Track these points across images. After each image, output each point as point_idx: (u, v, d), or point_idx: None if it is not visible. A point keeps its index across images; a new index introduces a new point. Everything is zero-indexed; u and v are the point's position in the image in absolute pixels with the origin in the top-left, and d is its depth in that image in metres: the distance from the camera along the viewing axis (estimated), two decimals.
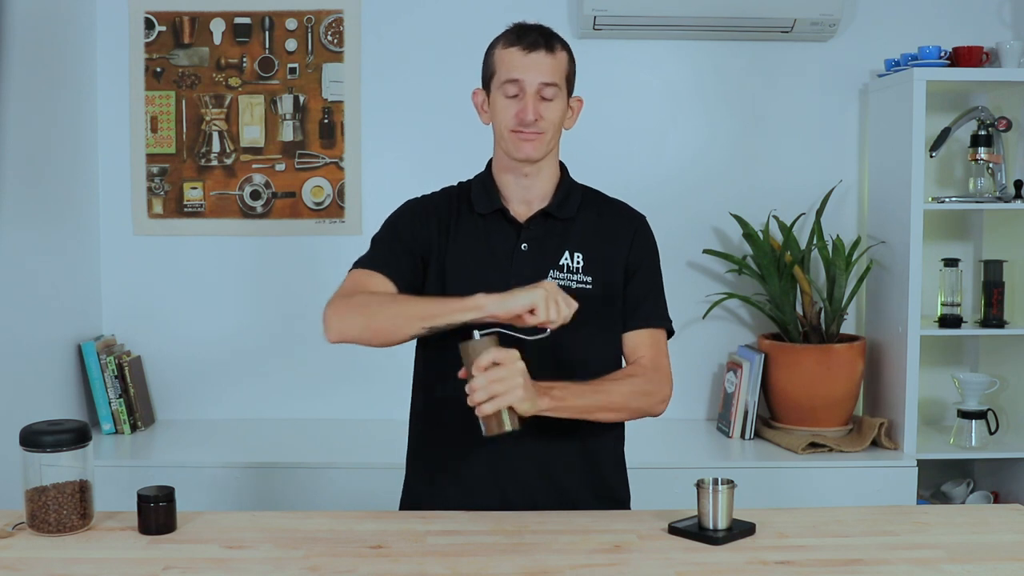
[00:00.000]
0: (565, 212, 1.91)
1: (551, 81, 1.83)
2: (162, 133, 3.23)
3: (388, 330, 1.73)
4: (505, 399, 1.61)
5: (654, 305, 1.93)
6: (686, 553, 1.61)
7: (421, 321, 1.70)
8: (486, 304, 1.64)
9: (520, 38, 1.84)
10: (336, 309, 1.77)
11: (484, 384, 1.60)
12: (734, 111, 3.28)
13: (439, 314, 1.69)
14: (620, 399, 1.82)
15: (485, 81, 1.90)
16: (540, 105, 1.83)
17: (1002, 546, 1.67)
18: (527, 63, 1.82)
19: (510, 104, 1.84)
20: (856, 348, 3.04)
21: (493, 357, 1.62)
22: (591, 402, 1.77)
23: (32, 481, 1.66)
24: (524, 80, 1.82)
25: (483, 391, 1.60)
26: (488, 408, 1.60)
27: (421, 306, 1.73)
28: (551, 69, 1.83)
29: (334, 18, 3.22)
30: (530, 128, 1.82)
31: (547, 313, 1.62)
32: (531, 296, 1.63)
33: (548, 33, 1.87)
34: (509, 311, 1.63)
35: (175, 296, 3.26)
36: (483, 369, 1.61)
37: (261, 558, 1.58)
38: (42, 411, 2.50)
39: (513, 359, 1.63)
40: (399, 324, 1.72)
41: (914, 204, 2.93)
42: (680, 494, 1.89)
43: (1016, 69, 3.01)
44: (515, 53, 1.83)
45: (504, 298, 1.64)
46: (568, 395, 1.73)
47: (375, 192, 3.21)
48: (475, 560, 1.57)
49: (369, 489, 2.67)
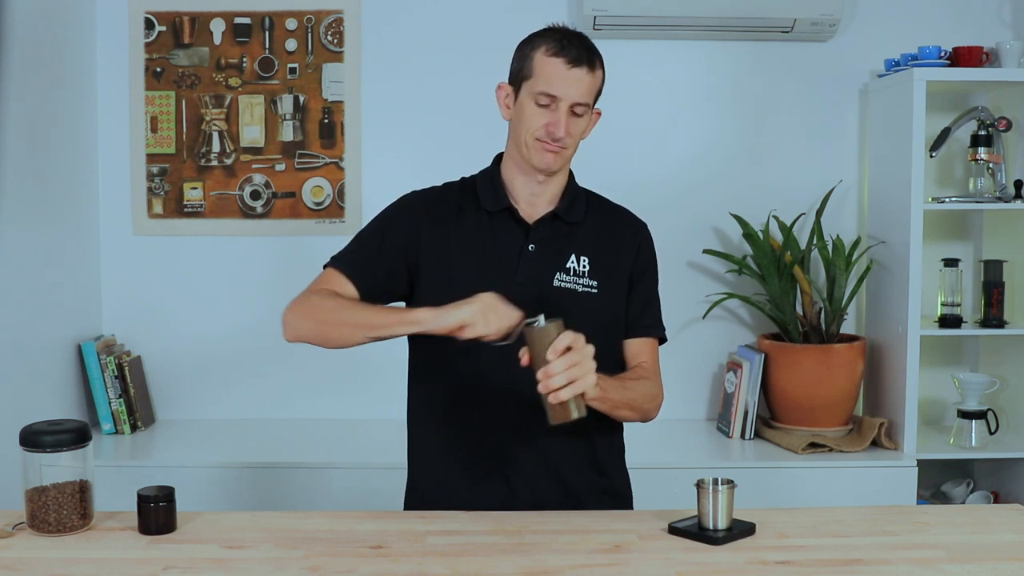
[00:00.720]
0: (573, 216, 1.91)
1: (585, 101, 1.81)
2: (162, 133, 3.23)
3: (336, 337, 1.77)
4: (582, 383, 1.58)
5: (655, 315, 1.96)
6: (686, 553, 1.61)
7: (365, 331, 1.73)
8: (424, 319, 1.66)
9: (564, 49, 1.79)
10: (292, 310, 1.81)
11: (563, 368, 1.57)
12: (734, 111, 3.28)
13: (380, 325, 1.72)
14: (640, 399, 1.84)
15: (515, 78, 1.85)
16: (570, 121, 1.81)
17: (1002, 546, 1.67)
18: (568, 79, 1.78)
19: (540, 114, 1.81)
20: (856, 348, 3.04)
21: (569, 341, 1.59)
22: (622, 397, 1.78)
23: (32, 481, 1.66)
24: (561, 95, 1.79)
25: (563, 375, 1.56)
26: (566, 393, 1.57)
27: (366, 316, 1.75)
28: (588, 88, 1.81)
29: (334, 18, 3.22)
30: (557, 143, 1.81)
31: (478, 329, 1.61)
32: (462, 313, 1.62)
33: (591, 47, 1.83)
34: (443, 327, 1.63)
35: (175, 296, 3.26)
36: (560, 353, 1.57)
37: (261, 558, 1.58)
38: (42, 411, 2.50)
39: (583, 342, 1.61)
40: (345, 333, 1.76)
41: (914, 204, 2.93)
42: (680, 494, 1.89)
43: (1016, 69, 3.01)
44: (557, 65, 1.78)
45: (440, 313, 1.64)
46: (609, 387, 1.72)
47: (375, 192, 3.21)
48: (475, 560, 1.57)
49: (369, 489, 2.67)
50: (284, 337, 1.82)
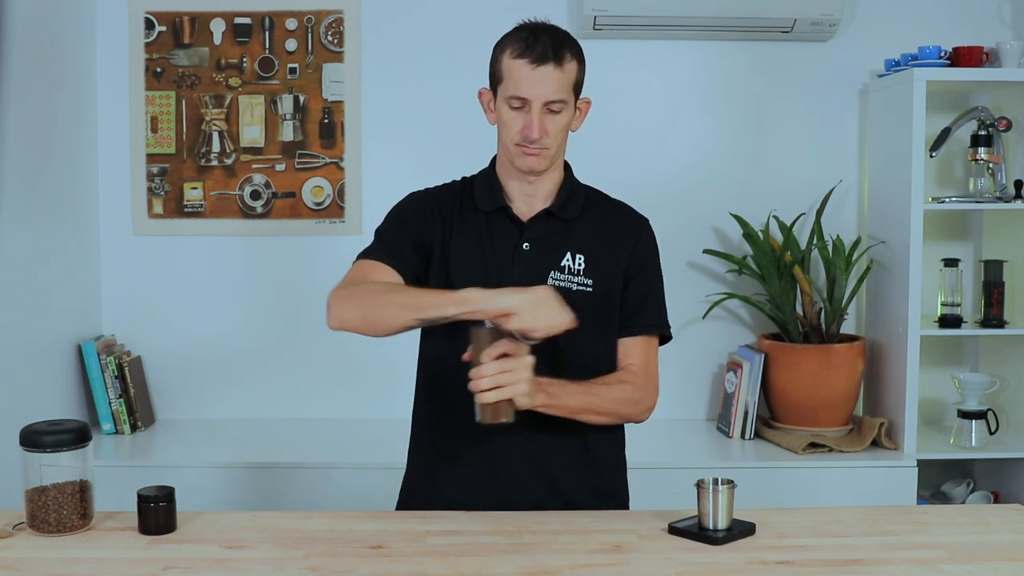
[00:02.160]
0: (568, 213, 1.90)
1: (558, 98, 1.78)
2: (162, 133, 3.23)
3: (383, 320, 1.72)
4: (509, 391, 1.61)
5: (650, 311, 1.92)
6: (686, 553, 1.61)
7: (412, 312, 1.68)
8: (473, 299, 1.62)
9: (528, 48, 1.77)
10: (338, 297, 1.76)
11: (492, 372, 1.60)
12: (734, 111, 3.28)
13: (428, 306, 1.67)
14: (610, 404, 1.83)
15: (492, 82, 1.85)
16: (545, 119, 1.79)
17: (1002, 546, 1.67)
18: (534, 79, 1.76)
19: (515, 117, 1.80)
20: (856, 348, 3.04)
21: (505, 348, 1.62)
22: (582, 403, 1.78)
23: (32, 481, 1.66)
24: (530, 97, 1.77)
25: (490, 379, 1.60)
26: (491, 397, 1.60)
27: (413, 297, 1.71)
28: (558, 85, 1.78)
29: (334, 18, 3.22)
30: (534, 144, 1.80)
31: (525, 320, 1.59)
32: (514, 300, 1.60)
33: (558, 40, 1.80)
34: (492, 309, 1.61)
35: (175, 296, 3.26)
36: (493, 358, 1.61)
37: (261, 558, 1.58)
38: (42, 411, 2.49)
39: (523, 353, 1.63)
40: (392, 314, 1.71)
41: (914, 204, 2.93)
42: (680, 494, 1.88)
43: (1016, 69, 3.01)
44: (522, 67, 1.77)
45: (491, 296, 1.62)
46: (562, 394, 1.74)
47: (375, 192, 3.21)
48: (475, 560, 1.57)
49: (369, 489, 2.67)
50: (328, 324, 1.76)
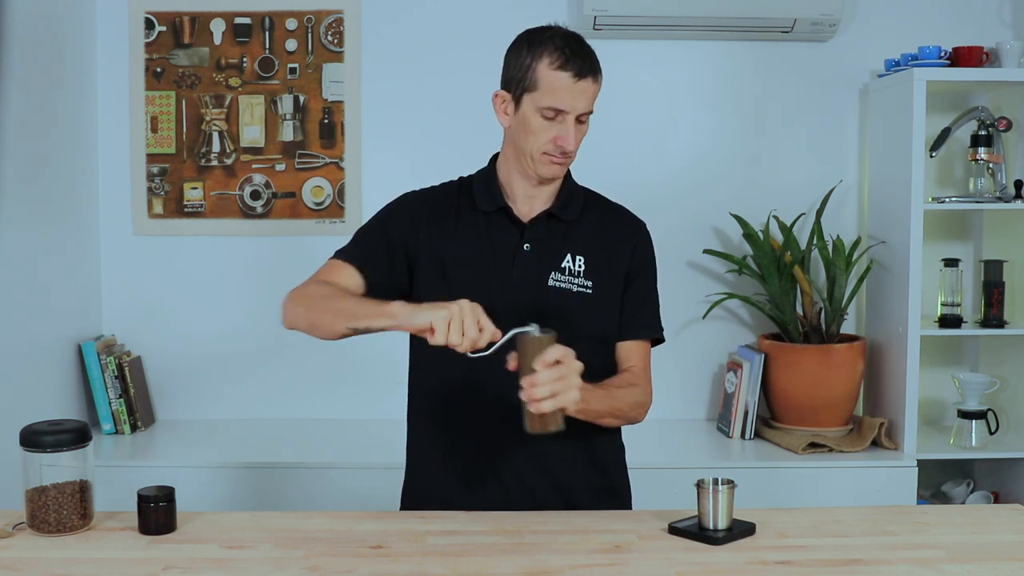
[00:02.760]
0: (569, 214, 1.90)
1: (590, 109, 1.80)
2: (162, 133, 3.23)
3: (322, 325, 1.73)
4: (564, 398, 1.58)
5: (648, 314, 1.93)
6: (686, 553, 1.61)
7: (346, 320, 1.69)
8: (397, 313, 1.62)
9: (570, 61, 1.74)
10: (291, 298, 1.79)
11: (549, 380, 1.57)
12: (734, 111, 3.28)
13: (360, 316, 1.67)
14: (625, 407, 1.82)
15: (514, 86, 1.80)
16: (576, 130, 1.79)
17: (1002, 546, 1.67)
18: (575, 92, 1.75)
19: (547, 127, 1.78)
20: (856, 348, 3.04)
21: (559, 354, 1.59)
22: (605, 407, 1.77)
23: (32, 481, 1.67)
24: (569, 110, 1.76)
25: (547, 387, 1.56)
26: (548, 406, 1.57)
27: (349, 305, 1.71)
28: (592, 96, 1.79)
29: (334, 18, 3.22)
30: (566, 156, 1.80)
31: (444, 336, 1.56)
32: (431, 316, 1.57)
33: (591, 54, 1.79)
34: (413, 325, 1.59)
35: (175, 296, 3.26)
36: (548, 365, 1.57)
37: (261, 558, 1.58)
38: (42, 411, 2.50)
39: (572, 357, 1.61)
40: (330, 321, 1.72)
41: (914, 204, 2.93)
42: (680, 494, 1.89)
43: (1016, 69, 3.01)
44: (564, 79, 1.74)
45: (412, 311, 1.60)
46: (591, 399, 1.70)
47: (375, 192, 3.20)
48: (475, 560, 1.57)
49: (369, 489, 2.67)
50: (282, 324, 1.80)
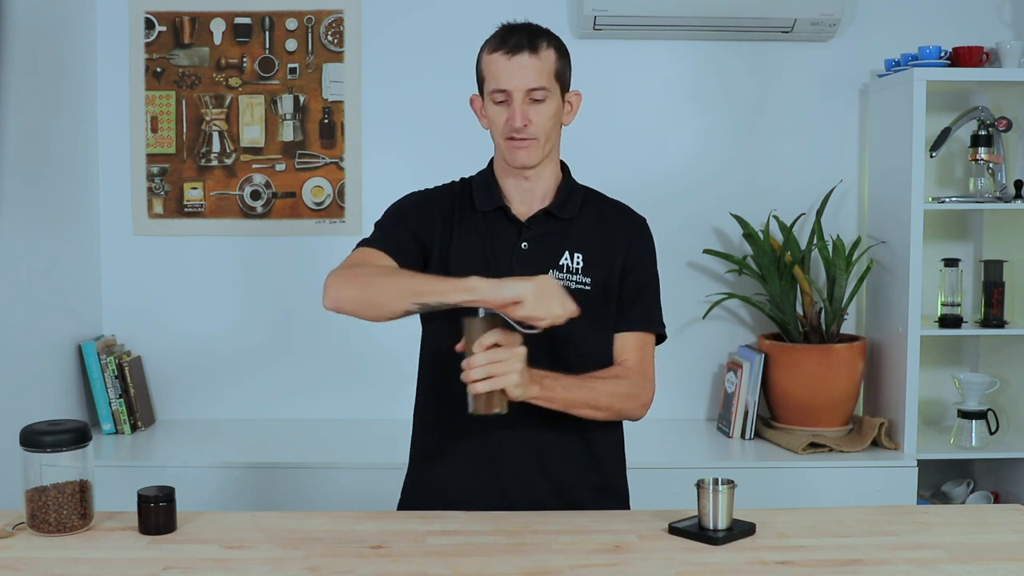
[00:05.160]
0: (566, 212, 1.90)
1: (538, 85, 1.80)
2: (162, 133, 3.23)
3: (381, 303, 1.70)
4: (501, 381, 1.61)
5: (645, 309, 1.92)
6: (686, 553, 1.61)
7: (413, 296, 1.67)
8: (479, 287, 1.62)
9: (503, 41, 1.81)
10: (337, 277, 1.75)
11: (483, 363, 1.60)
12: (734, 111, 3.28)
13: (432, 291, 1.65)
14: (605, 398, 1.82)
15: (478, 86, 1.89)
16: (529, 109, 1.80)
17: (1002, 546, 1.67)
18: (511, 69, 1.79)
19: (500, 111, 1.82)
20: (856, 348, 3.04)
21: (497, 338, 1.62)
22: (577, 397, 1.77)
23: (32, 481, 1.66)
24: (510, 87, 1.80)
25: (481, 369, 1.60)
26: (482, 387, 1.60)
27: (415, 282, 1.70)
28: (536, 72, 1.80)
29: (334, 18, 3.22)
30: (521, 134, 1.81)
31: (530, 309, 1.60)
32: (519, 289, 1.60)
33: (533, 32, 1.83)
34: (498, 298, 1.61)
35: (175, 296, 3.26)
36: (485, 348, 1.61)
37: (261, 558, 1.58)
38: (42, 411, 2.50)
39: (515, 343, 1.63)
40: (392, 297, 1.69)
41: (914, 204, 2.93)
42: (680, 494, 1.89)
43: (1016, 69, 3.01)
44: (499, 59, 1.80)
45: (497, 285, 1.62)
46: (557, 386, 1.73)
47: (375, 192, 3.21)
48: (475, 560, 1.57)
49: (369, 489, 2.67)
50: (324, 304, 1.73)
